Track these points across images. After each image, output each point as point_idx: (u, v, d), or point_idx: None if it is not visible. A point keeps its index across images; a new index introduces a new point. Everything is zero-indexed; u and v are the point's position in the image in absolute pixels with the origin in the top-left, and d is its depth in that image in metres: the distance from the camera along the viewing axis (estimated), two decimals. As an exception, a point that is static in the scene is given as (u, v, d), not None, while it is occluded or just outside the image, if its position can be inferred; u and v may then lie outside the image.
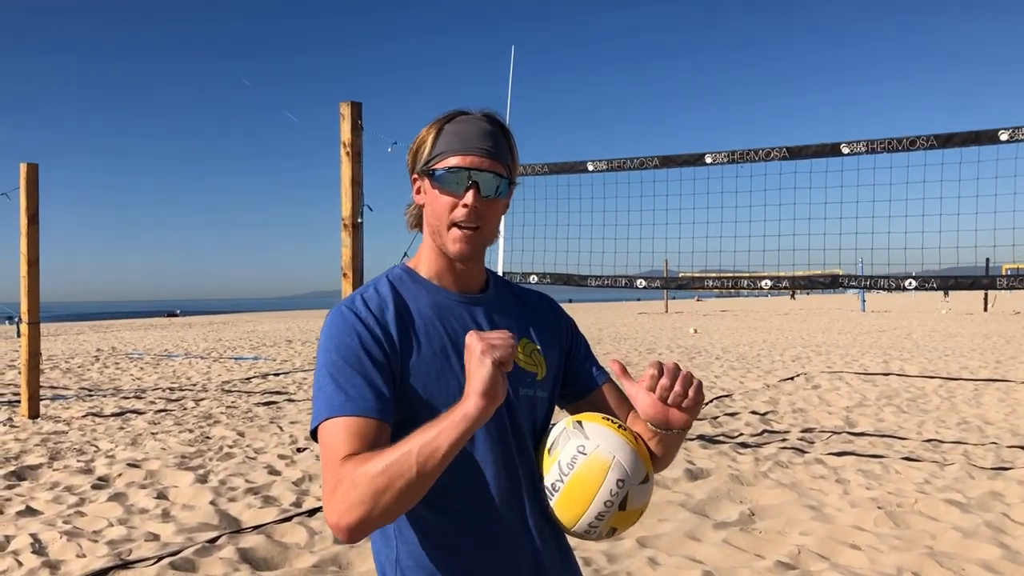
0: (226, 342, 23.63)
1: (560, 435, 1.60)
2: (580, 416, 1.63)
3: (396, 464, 1.32)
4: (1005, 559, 4.49)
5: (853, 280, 5.95)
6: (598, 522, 1.54)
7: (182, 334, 29.02)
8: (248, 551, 4.65)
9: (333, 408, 1.46)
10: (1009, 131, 5.49)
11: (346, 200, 7.59)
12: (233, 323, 40.75)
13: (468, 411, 1.33)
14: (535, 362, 1.70)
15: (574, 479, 1.53)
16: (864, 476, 6.27)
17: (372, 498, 1.33)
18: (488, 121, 1.64)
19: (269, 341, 23.79)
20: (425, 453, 1.32)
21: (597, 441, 1.55)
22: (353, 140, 7.54)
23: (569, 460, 1.54)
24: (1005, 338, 21.49)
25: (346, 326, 1.56)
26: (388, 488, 1.33)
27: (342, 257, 7.66)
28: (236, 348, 21.01)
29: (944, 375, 13.08)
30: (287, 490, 5.94)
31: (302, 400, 10.72)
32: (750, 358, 16.47)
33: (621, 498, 1.52)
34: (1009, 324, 28.50)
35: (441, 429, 1.33)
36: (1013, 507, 5.44)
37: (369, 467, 1.34)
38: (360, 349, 1.53)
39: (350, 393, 1.47)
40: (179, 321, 45.81)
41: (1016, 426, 8.49)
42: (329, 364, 1.52)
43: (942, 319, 33.23)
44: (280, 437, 7.99)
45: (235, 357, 17.98)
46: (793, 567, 4.41)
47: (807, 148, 6.15)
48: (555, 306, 1.88)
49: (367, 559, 4.56)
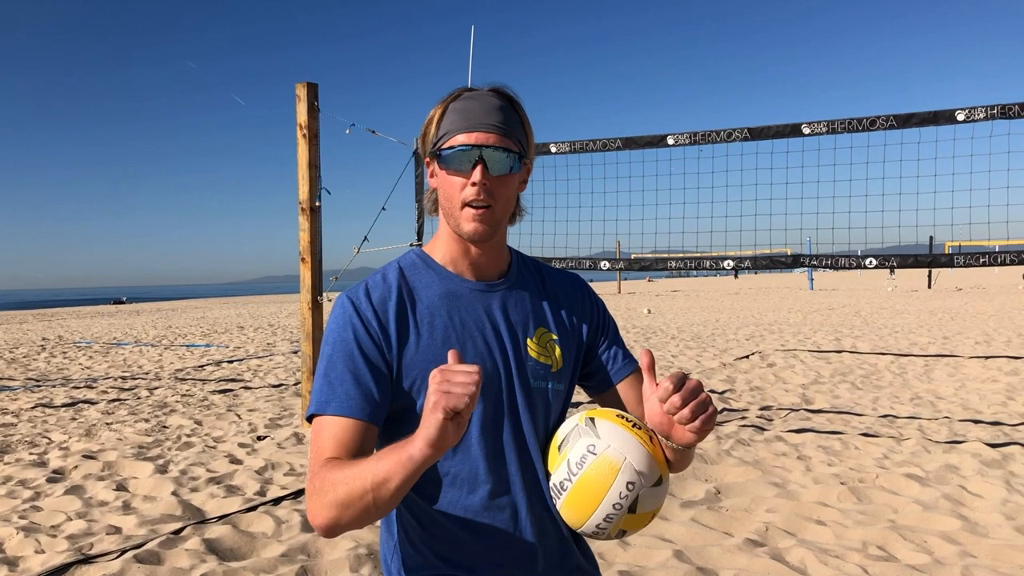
0: (177, 329, 23.24)
1: (571, 432, 1.55)
2: (593, 412, 1.58)
3: (355, 488, 1.35)
4: (965, 530, 4.59)
5: (815, 259, 6.02)
6: (606, 524, 1.50)
7: (131, 321, 28.47)
8: (214, 542, 4.56)
9: (321, 405, 1.51)
10: (966, 111, 5.58)
11: (303, 183, 7.48)
12: (182, 310, 40.09)
13: (414, 454, 1.30)
14: (549, 353, 1.66)
15: (582, 480, 1.48)
16: (824, 452, 6.36)
17: (337, 509, 1.38)
18: (496, 96, 1.60)
19: (220, 328, 23.44)
20: (378, 483, 1.34)
21: (608, 441, 1.49)
22: (310, 122, 7.43)
23: (578, 459, 1.49)
24: (950, 314, 21.99)
25: (344, 319, 1.55)
26: (350, 505, 1.37)
27: (300, 241, 7.55)
28: (187, 335, 20.67)
29: (895, 351, 13.35)
30: (250, 479, 5.85)
31: (258, 387, 10.58)
32: (705, 337, 16.64)
33: (631, 501, 1.48)
34: (953, 300, 29.19)
35: (392, 465, 1.32)
36: (969, 479, 5.57)
37: (337, 479, 1.38)
38: (354, 345, 1.53)
39: (337, 391, 1.50)
40: (126, 308, 44.94)
41: (967, 400, 8.69)
42: (326, 357, 1.55)
43: (889, 296, 33.92)
44: (239, 425, 7.87)
45: (187, 344, 17.68)
46: (762, 544, 4.46)
47: (768, 129, 6.18)
48: (586, 290, 1.83)
49: (336, 547, 4.51)
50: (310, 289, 7.52)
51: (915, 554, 4.28)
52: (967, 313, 22.36)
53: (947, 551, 4.30)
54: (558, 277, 1.80)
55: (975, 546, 4.36)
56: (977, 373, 10.66)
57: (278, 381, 11.18)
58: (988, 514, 4.86)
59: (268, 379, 11.45)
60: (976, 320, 19.75)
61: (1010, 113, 5.44)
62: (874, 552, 4.31)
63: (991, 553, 4.26)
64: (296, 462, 6.32)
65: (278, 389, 10.36)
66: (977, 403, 8.52)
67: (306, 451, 6.70)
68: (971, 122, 5.58)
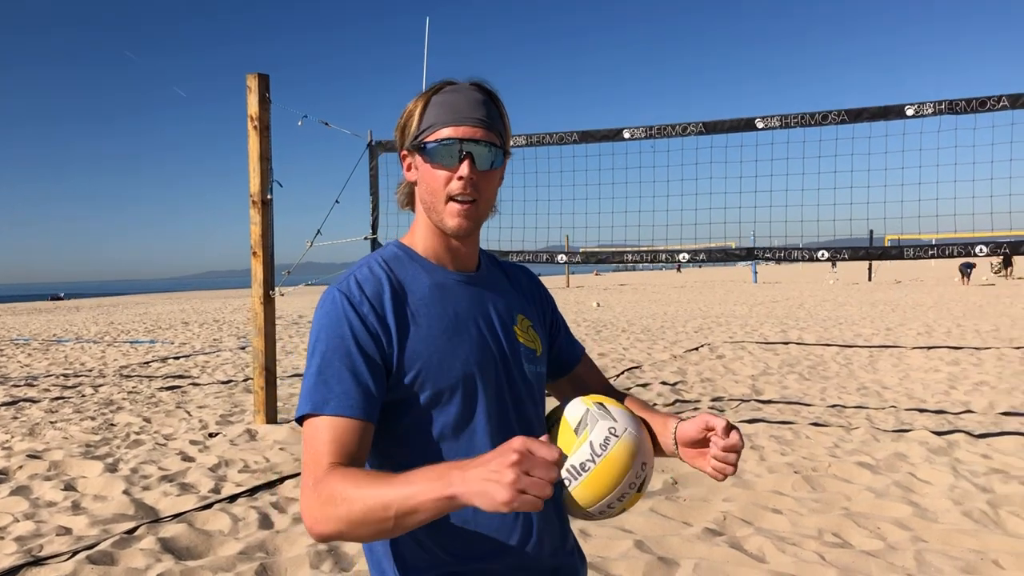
0: (119, 325, 22.75)
1: (586, 415, 1.57)
2: (596, 398, 1.63)
3: (375, 511, 1.28)
4: (916, 516, 4.70)
5: (769, 251, 6.11)
6: (617, 503, 1.54)
7: (70, 318, 27.80)
8: (169, 541, 4.47)
9: (316, 404, 1.44)
10: (915, 106, 5.70)
11: (254, 176, 7.37)
12: (124, 305, 39.27)
13: (456, 494, 1.22)
14: (532, 338, 1.68)
15: (606, 460, 1.52)
16: (777, 442, 6.46)
17: (347, 525, 1.32)
18: (479, 90, 1.58)
19: (164, 324, 23.02)
20: (403, 511, 1.27)
21: (625, 424, 1.56)
22: (261, 113, 7.32)
23: (602, 441, 1.53)
24: (891, 306, 22.52)
25: (338, 313, 1.50)
26: (364, 524, 1.30)
27: (251, 235, 7.44)
28: (130, 331, 20.26)
29: (840, 343, 13.62)
30: (204, 476, 5.75)
31: (207, 384, 10.40)
32: (654, 330, 16.79)
33: (641, 480, 1.56)
34: (893, 293, 29.89)
35: (426, 500, 1.25)
36: (918, 467, 5.70)
37: (352, 495, 1.31)
38: (351, 340, 1.48)
39: (335, 390, 1.44)
40: (64, 304, 43.87)
41: (911, 390, 8.90)
42: (319, 354, 1.48)
43: (831, 289, 34.62)
44: (189, 422, 7.73)
45: (130, 341, 17.32)
46: (720, 533, 4.52)
47: (723, 123, 6.25)
48: (537, 280, 1.85)
49: (295, 544, 4.46)
50: (262, 284, 7.41)
51: (869, 540, 4.37)
52: (907, 305, 22.91)
53: (900, 536, 4.40)
54: (513, 269, 1.82)
55: (926, 531, 4.47)
56: (920, 363, 10.93)
57: (227, 377, 11.01)
58: (937, 500, 4.98)
59: (217, 375, 11.26)
60: (916, 312, 20.24)
61: (957, 109, 5.58)
62: (830, 539, 4.39)
63: (941, 537, 4.37)
64: (250, 459, 6.23)
65: (227, 386, 10.20)
66: (921, 392, 8.73)
67: (259, 447, 6.61)
68: (920, 117, 5.71)
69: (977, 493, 5.07)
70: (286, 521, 4.84)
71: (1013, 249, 5.65)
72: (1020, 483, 5.23)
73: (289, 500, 5.24)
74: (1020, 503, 4.87)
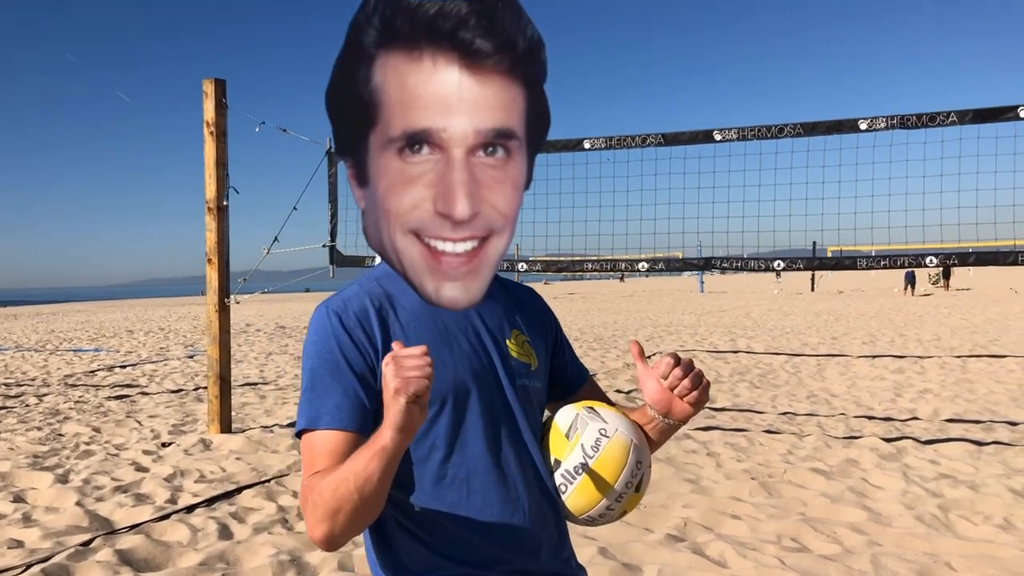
0: (60, 333, 22.23)
1: (575, 420, 1.61)
2: (586, 403, 1.66)
3: (340, 490, 1.36)
4: (871, 520, 4.81)
5: (726, 261, 6.22)
6: (616, 504, 1.56)
7: (8, 325, 27.09)
8: (127, 552, 4.39)
9: (310, 420, 1.49)
10: (868, 120, 5.86)
11: (210, 182, 7.29)
12: (64, 313, 38.36)
13: (386, 444, 1.33)
14: (527, 352, 1.69)
15: (600, 461, 1.54)
16: (732, 449, 6.56)
17: (330, 517, 1.38)
18: None
19: (108, 332, 22.55)
20: (361, 479, 1.35)
21: (616, 425, 1.58)
22: (217, 119, 7.24)
23: (593, 443, 1.55)
24: (835, 316, 22.98)
25: (327, 330, 1.53)
26: (340, 510, 1.37)
27: (207, 241, 7.35)
28: (73, 339, 19.80)
29: (788, 351, 13.86)
30: (159, 487, 5.65)
31: (157, 393, 10.22)
32: (606, 339, 16.92)
33: (639, 479, 1.57)
34: (836, 303, 30.52)
35: (367, 460, 1.34)
36: (869, 472, 5.83)
37: (324, 487, 1.39)
38: (340, 356, 1.51)
39: (327, 404, 1.48)
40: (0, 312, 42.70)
41: (859, 397, 9.10)
42: (310, 371, 1.52)
43: (776, 299, 35.22)
44: (141, 432, 7.59)
45: (74, 349, 16.94)
46: (682, 539, 4.58)
47: (682, 135, 6.36)
48: (541, 301, 1.87)
49: (256, 554, 4.41)
50: (217, 291, 7.32)
51: (827, 544, 4.46)
52: (850, 315, 23.41)
53: (855, 541, 4.50)
54: (515, 286, 1.84)
55: (881, 535, 4.58)
56: (866, 371, 11.18)
57: (177, 386, 10.82)
58: (890, 504, 5.11)
59: (166, 384, 11.07)
60: (859, 321, 20.70)
61: (908, 124, 5.75)
62: (788, 544, 4.48)
63: (896, 541, 4.48)
64: (206, 468, 6.14)
65: (178, 395, 10.03)
66: (869, 400, 8.93)
67: (215, 457, 6.52)
68: (873, 131, 5.87)
69: (928, 497, 5.21)
70: (246, 531, 4.78)
71: (961, 260, 5.84)
72: (968, 487, 5.39)
73: (248, 510, 5.17)
74: (968, 507, 5.02)
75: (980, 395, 9.07)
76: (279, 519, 4.99)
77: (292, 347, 16.41)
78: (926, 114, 5.77)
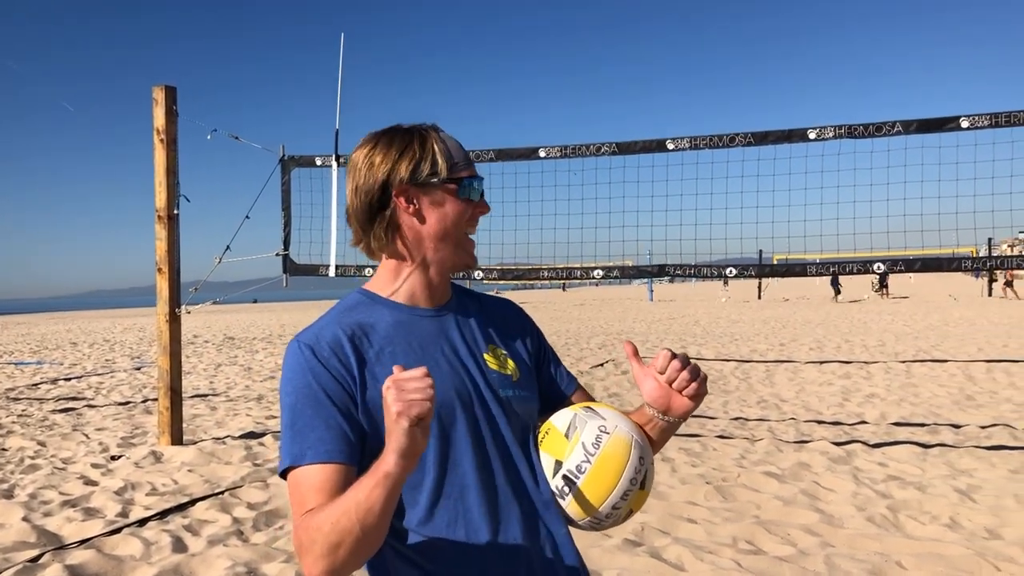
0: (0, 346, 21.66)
1: (574, 419, 1.59)
2: (583, 403, 1.65)
3: (341, 523, 1.33)
4: (823, 522, 4.91)
5: (679, 268, 6.30)
6: (622, 502, 1.54)
7: (-56, 339, 26.32)
8: (78, 568, 4.30)
9: (294, 456, 1.46)
10: (816, 130, 5.99)
11: (160, 190, 7.19)
12: (3, 325, 37.34)
13: (389, 470, 1.31)
14: (507, 364, 1.68)
15: (602, 458, 1.53)
16: (686, 454, 6.64)
17: (331, 552, 1.35)
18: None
19: (51, 344, 22.03)
20: (363, 510, 1.32)
21: (615, 422, 1.57)
22: (168, 126, 7.15)
23: (593, 440, 1.54)
24: (781, 323, 23.35)
25: (300, 365, 1.51)
26: (342, 543, 1.34)
27: (157, 251, 7.25)
28: (13, 352, 19.32)
29: (737, 358, 14.06)
30: (109, 500, 5.54)
31: (104, 406, 10.01)
32: (559, 347, 16.98)
33: (643, 475, 1.55)
34: (782, 310, 31.00)
35: (371, 487, 1.32)
36: (820, 475, 5.95)
37: (322, 522, 1.36)
38: (317, 389, 1.49)
39: (309, 439, 1.46)
40: (-63, 325, 41.45)
41: (807, 402, 9.26)
42: (288, 408, 1.50)
43: (723, 307, 35.65)
44: (88, 445, 7.43)
45: (15, 362, 16.51)
46: (639, 543, 4.61)
47: (635, 144, 6.43)
48: (520, 312, 1.86)
49: (211, 566, 4.35)
50: (167, 301, 7.21)
51: (781, 546, 4.54)
52: (796, 322, 23.80)
53: (809, 542, 4.58)
54: (491, 300, 1.83)
55: (833, 536, 4.67)
56: (814, 377, 11.38)
57: (124, 399, 10.62)
58: (841, 506, 5.21)
59: (113, 396, 10.85)
60: (806, 328, 21.06)
61: (855, 133, 5.89)
62: (744, 546, 4.54)
63: (848, 542, 4.57)
64: (157, 481, 6.03)
65: (126, 407, 9.84)
66: (817, 405, 9.10)
67: (166, 469, 6.41)
68: (821, 140, 6.00)
69: (877, 499, 5.32)
70: (200, 544, 4.71)
71: (907, 267, 5.99)
72: (916, 488, 5.52)
73: (202, 523, 5.10)
74: (917, 507, 5.14)
75: (924, 399, 9.30)
76: (234, 531, 4.93)
77: (241, 358, 16.20)
78: (872, 124, 5.93)
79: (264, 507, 5.41)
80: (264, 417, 8.85)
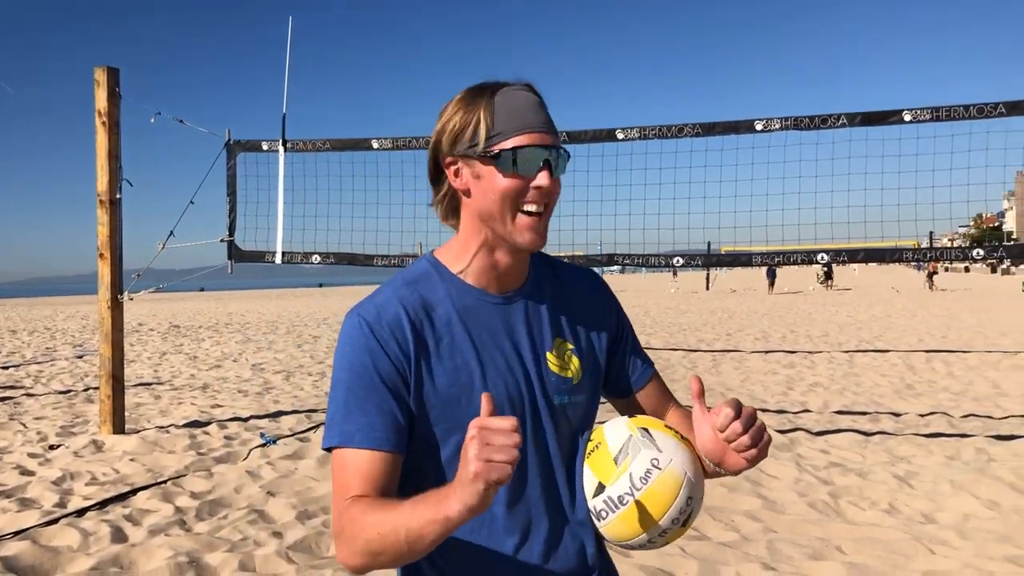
0: (-66, 334, 21.05)
1: (628, 443, 1.47)
2: (643, 422, 1.52)
3: (388, 538, 1.29)
4: (765, 508, 4.99)
5: (628, 258, 6.34)
6: (659, 538, 1.45)
7: None
8: (11, 560, 4.18)
9: (344, 436, 1.41)
10: (763, 121, 6.06)
11: (102, 174, 7.04)
12: (-62, 313, 36.32)
13: (451, 516, 1.23)
14: (569, 365, 1.56)
15: (647, 494, 1.42)
16: (634, 442, 6.68)
17: (372, 555, 1.32)
18: (534, 92, 1.48)
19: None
20: (414, 537, 1.27)
21: (670, 455, 1.44)
22: (110, 109, 6.99)
23: (643, 474, 1.43)
24: (728, 313, 23.67)
25: (358, 341, 1.43)
26: (384, 553, 1.31)
27: (99, 236, 7.09)
28: (-51, 340, 18.78)
29: (685, 347, 14.21)
30: (47, 491, 5.41)
31: (42, 394, 9.78)
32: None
33: (687, 515, 1.44)
34: (729, 301, 31.41)
35: (427, 522, 1.25)
36: (764, 462, 6.03)
37: (368, 525, 1.31)
38: (373, 372, 1.41)
39: (360, 422, 1.40)
40: None
41: (752, 391, 9.39)
42: (342, 384, 1.43)
43: (672, 297, 36.01)
44: (26, 435, 7.25)
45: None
46: (586, 530, 4.64)
47: (584, 133, 6.44)
48: (603, 289, 1.70)
49: (152, 556, 4.27)
50: (109, 287, 7.06)
51: (725, 532, 4.60)
52: (743, 312, 24.13)
53: (752, 528, 4.65)
54: (574, 276, 1.67)
55: (775, 522, 4.75)
56: (759, 366, 11.55)
57: (65, 387, 10.39)
58: (784, 492, 5.30)
59: (53, 385, 10.61)
60: (752, 319, 21.36)
61: (801, 125, 5.98)
62: (689, 533, 4.59)
63: (789, 527, 4.65)
64: (98, 471, 5.91)
65: (66, 396, 9.62)
66: (762, 393, 9.23)
67: (107, 459, 6.28)
68: (768, 132, 6.07)
69: (819, 485, 5.42)
70: (141, 534, 4.63)
71: (851, 257, 6.10)
72: (856, 475, 5.63)
73: (144, 512, 5.01)
74: (857, 493, 5.25)
75: (866, 388, 9.49)
76: (176, 520, 4.85)
77: (187, 347, 15.95)
78: (818, 116, 6.02)
79: (208, 496, 5.33)
80: (209, 406, 8.72)
